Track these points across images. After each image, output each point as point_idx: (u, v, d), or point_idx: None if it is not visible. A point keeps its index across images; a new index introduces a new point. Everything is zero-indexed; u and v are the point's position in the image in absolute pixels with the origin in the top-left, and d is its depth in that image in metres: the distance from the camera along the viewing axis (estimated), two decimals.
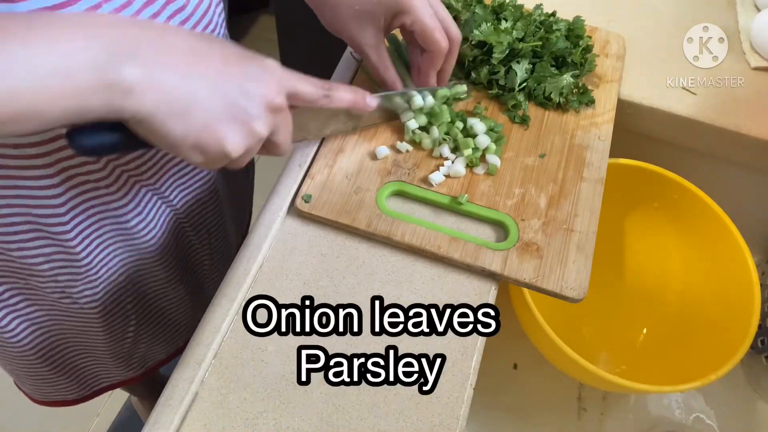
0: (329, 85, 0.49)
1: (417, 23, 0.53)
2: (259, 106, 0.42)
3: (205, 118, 0.40)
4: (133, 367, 0.81)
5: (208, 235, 0.74)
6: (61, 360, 0.74)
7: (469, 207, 0.56)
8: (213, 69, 0.41)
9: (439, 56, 0.56)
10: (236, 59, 0.42)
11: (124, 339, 0.73)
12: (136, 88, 0.37)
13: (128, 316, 0.70)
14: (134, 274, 0.65)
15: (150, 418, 0.45)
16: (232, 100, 0.41)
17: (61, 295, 0.62)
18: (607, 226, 0.61)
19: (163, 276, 0.69)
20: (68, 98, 0.35)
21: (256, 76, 0.42)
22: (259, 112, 0.42)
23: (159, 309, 0.74)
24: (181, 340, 0.84)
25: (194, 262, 0.75)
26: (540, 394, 0.71)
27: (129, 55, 0.37)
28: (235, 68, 0.42)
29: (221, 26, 0.60)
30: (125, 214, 0.58)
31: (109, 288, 0.64)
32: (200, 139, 0.40)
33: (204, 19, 0.55)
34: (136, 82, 0.37)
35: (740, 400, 0.72)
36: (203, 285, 0.80)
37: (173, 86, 0.38)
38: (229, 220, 0.80)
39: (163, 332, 0.79)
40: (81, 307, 0.64)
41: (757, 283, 0.60)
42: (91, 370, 0.79)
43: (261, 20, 2.18)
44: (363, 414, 0.46)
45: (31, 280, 0.60)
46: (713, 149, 0.71)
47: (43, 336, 0.68)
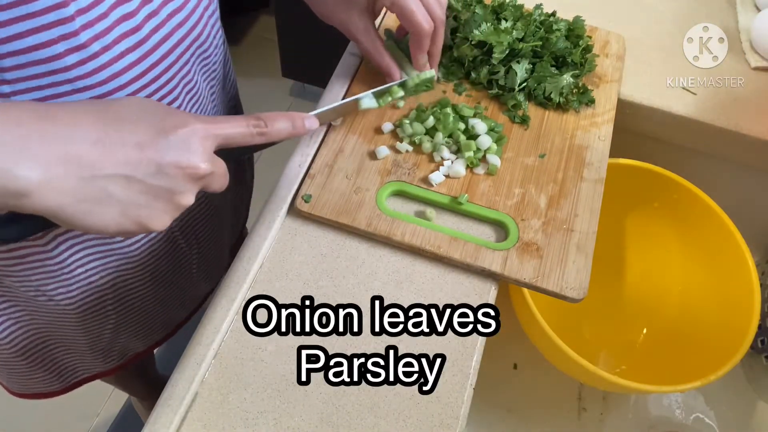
0: (263, 120, 0.47)
1: (396, 5, 0.54)
2: (181, 181, 0.41)
3: (121, 208, 0.39)
4: (112, 359, 0.80)
5: (198, 245, 0.74)
6: (38, 354, 0.73)
7: (469, 207, 0.56)
8: (124, 158, 0.38)
9: (424, 37, 0.56)
10: (151, 136, 0.40)
11: (102, 334, 0.72)
12: (33, 191, 0.35)
13: (107, 314, 0.69)
14: (115, 276, 0.64)
15: (150, 418, 0.45)
16: (149, 184, 0.39)
17: (36, 293, 0.61)
18: (607, 226, 0.61)
19: (149, 278, 0.68)
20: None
21: (176, 149, 0.40)
22: (183, 187, 0.41)
23: (140, 308, 0.73)
24: (160, 333, 0.84)
25: (182, 268, 0.74)
26: (540, 394, 0.71)
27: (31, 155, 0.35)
28: (150, 149, 0.39)
29: (214, 36, 0.59)
30: None
31: (86, 288, 0.63)
32: (122, 226, 0.39)
33: (202, 20, 0.54)
34: (32, 184, 0.35)
35: (740, 400, 0.72)
36: (189, 286, 0.79)
37: (77, 185, 0.37)
38: (224, 228, 0.80)
39: (142, 328, 0.78)
40: (57, 304, 0.63)
41: (757, 283, 0.60)
42: (69, 363, 0.78)
43: (261, 20, 2.18)
44: (363, 414, 0.46)
45: (5, 280, 0.59)
46: (713, 149, 0.71)
47: (19, 331, 0.67)
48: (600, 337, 0.75)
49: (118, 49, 0.46)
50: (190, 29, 0.53)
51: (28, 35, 0.41)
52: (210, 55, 0.59)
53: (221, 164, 0.44)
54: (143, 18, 0.47)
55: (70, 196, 0.36)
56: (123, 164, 0.38)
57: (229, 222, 0.82)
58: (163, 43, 0.50)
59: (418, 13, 0.55)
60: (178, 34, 0.52)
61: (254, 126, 0.46)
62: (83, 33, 0.43)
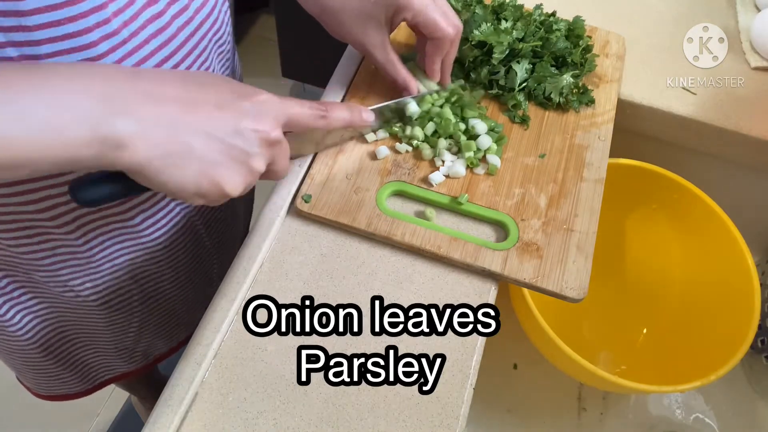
0: (325, 107, 0.49)
1: (419, 16, 0.54)
2: (255, 143, 0.43)
3: (201, 166, 0.41)
4: (136, 359, 0.81)
5: (219, 243, 0.74)
6: (64, 353, 0.74)
7: (469, 207, 0.56)
8: (206, 116, 0.41)
9: (447, 43, 0.57)
10: (230, 99, 0.43)
11: (127, 332, 0.73)
12: (128, 143, 0.37)
13: (133, 311, 0.70)
14: (141, 270, 0.65)
15: (150, 418, 0.45)
16: (228, 143, 0.42)
17: (63, 288, 0.62)
18: (607, 226, 0.61)
19: (172, 274, 0.69)
20: (60, 150, 0.36)
21: (251, 113, 0.43)
22: (257, 150, 0.43)
23: (165, 305, 0.74)
24: (182, 334, 0.84)
25: (203, 266, 0.75)
26: (540, 394, 0.71)
27: (122, 109, 0.37)
28: (229, 110, 0.42)
29: (227, 24, 0.60)
30: (129, 209, 0.58)
31: (113, 283, 0.64)
32: (200, 186, 0.41)
33: (209, 19, 0.55)
34: (128, 136, 0.37)
35: (740, 400, 0.72)
36: (211, 283, 0.80)
37: (166, 139, 0.39)
38: (239, 228, 0.80)
39: (166, 327, 0.79)
40: (84, 300, 0.64)
41: (757, 283, 0.60)
42: (93, 362, 0.79)
43: (261, 20, 2.18)
44: (363, 414, 0.46)
45: (34, 275, 0.60)
46: (713, 149, 0.71)
47: (46, 329, 0.68)
48: (600, 337, 0.75)
49: (144, 34, 0.47)
50: (208, 14, 0.54)
51: (67, 23, 0.42)
52: (224, 42, 0.60)
53: (287, 144, 0.47)
54: (167, 3, 0.49)
55: (158, 149, 0.39)
56: (205, 121, 0.41)
57: (242, 222, 0.83)
58: (185, 27, 0.51)
59: (442, 21, 0.55)
60: (198, 18, 0.53)
61: (317, 109, 0.48)
62: (115, 20, 0.44)
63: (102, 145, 0.37)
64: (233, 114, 0.42)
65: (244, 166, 0.43)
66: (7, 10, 0.39)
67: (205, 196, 0.42)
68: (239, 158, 0.42)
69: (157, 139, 0.38)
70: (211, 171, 0.41)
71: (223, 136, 0.41)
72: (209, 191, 0.42)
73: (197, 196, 0.42)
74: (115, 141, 0.37)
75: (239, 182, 0.43)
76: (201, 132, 0.40)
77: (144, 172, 0.39)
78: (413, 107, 0.59)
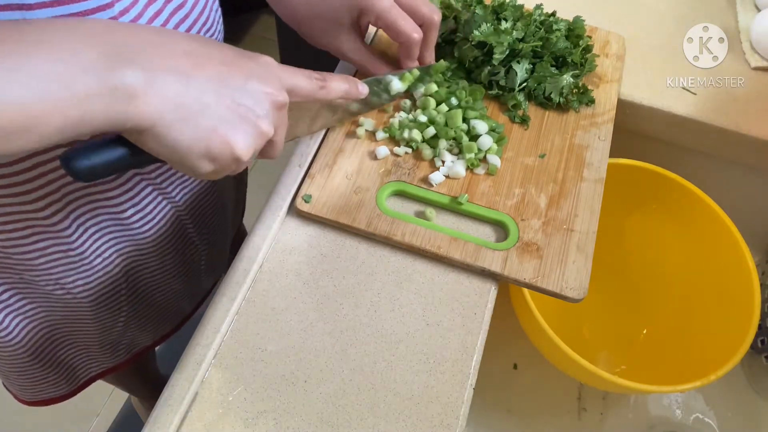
0: (323, 76, 0.49)
1: (380, 20, 0.54)
2: (265, 104, 0.42)
3: (212, 123, 0.39)
4: (120, 353, 0.81)
5: (208, 231, 0.74)
6: (50, 354, 0.73)
7: (469, 207, 0.56)
8: (215, 71, 0.40)
9: (413, 46, 0.57)
10: (235, 59, 0.42)
11: (114, 327, 0.73)
12: (139, 93, 0.36)
13: (121, 306, 0.70)
14: (129, 264, 0.65)
15: (150, 418, 0.45)
16: (238, 101, 0.40)
17: (54, 286, 0.61)
18: (607, 226, 0.61)
19: (159, 268, 0.69)
20: (69, 106, 0.34)
21: (258, 74, 0.42)
22: (266, 111, 0.42)
23: (151, 299, 0.74)
24: (167, 327, 0.84)
25: (192, 256, 0.75)
26: (540, 394, 0.71)
27: (130, 60, 0.36)
28: (237, 69, 0.41)
29: (218, 22, 0.60)
30: (121, 203, 0.57)
31: (103, 278, 0.64)
32: (210, 145, 0.39)
33: (201, 17, 0.55)
34: (139, 86, 0.36)
35: (740, 400, 0.72)
36: (198, 278, 0.80)
37: (177, 91, 0.37)
38: (227, 220, 0.80)
39: (152, 320, 0.79)
40: (74, 297, 0.63)
41: (757, 283, 0.60)
42: (78, 361, 0.78)
43: (261, 20, 2.18)
44: (363, 414, 0.46)
45: (25, 275, 0.60)
46: (713, 149, 0.71)
47: (34, 330, 0.67)
48: (600, 337, 0.75)
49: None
50: (201, 12, 0.55)
51: None
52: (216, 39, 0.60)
53: (286, 116, 0.46)
54: (164, 1, 0.49)
55: (170, 102, 0.37)
56: (214, 75, 0.40)
57: (230, 214, 0.82)
58: (180, 25, 0.51)
59: (405, 24, 0.54)
60: (193, 14, 0.53)
61: (317, 79, 0.48)
62: (121, 19, 0.44)
63: (112, 97, 0.35)
64: (241, 72, 0.41)
65: (254, 128, 0.41)
66: (11, 3, 0.38)
67: (216, 159, 0.40)
68: (249, 118, 0.41)
69: (168, 91, 0.37)
70: (223, 128, 0.39)
71: (232, 93, 0.40)
72: (220, 152, 0.40)
73: (206, 159, 0.40)
74: (126, 91, 0.35)
75: (250, 144, 0.41)
76: (211, 88, 0.39)
77: (155, 128, 0.37)
78: (396, 84, 0.59)
